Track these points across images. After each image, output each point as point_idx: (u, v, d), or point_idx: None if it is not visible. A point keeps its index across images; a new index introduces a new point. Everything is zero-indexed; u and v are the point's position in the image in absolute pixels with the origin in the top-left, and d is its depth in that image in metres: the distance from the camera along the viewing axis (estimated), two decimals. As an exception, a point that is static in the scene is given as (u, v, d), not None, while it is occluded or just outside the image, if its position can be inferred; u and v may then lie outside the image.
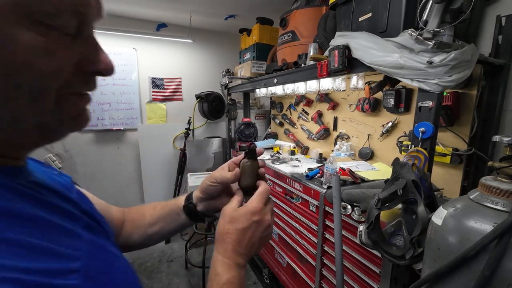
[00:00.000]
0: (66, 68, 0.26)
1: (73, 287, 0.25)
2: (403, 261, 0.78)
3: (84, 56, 0.27)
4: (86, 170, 2.77)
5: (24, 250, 0.23)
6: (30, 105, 0.25)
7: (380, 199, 0.81)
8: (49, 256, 0.25)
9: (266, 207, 0.44)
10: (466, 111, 1.18)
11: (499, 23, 1.06)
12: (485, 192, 0.54)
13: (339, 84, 1.46)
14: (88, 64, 0.28)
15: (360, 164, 1.57)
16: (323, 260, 1.37)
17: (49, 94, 0.25)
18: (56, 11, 0.23)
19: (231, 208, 0.44)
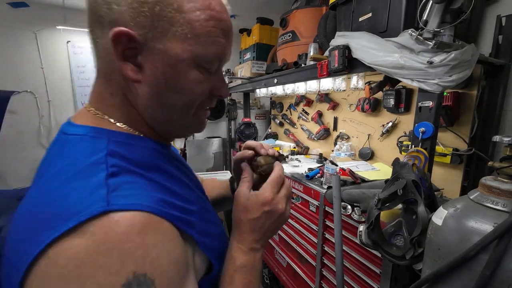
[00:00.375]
0: (205, 92, 0.41)
1: (194, 222, 0.38)
2: (403, 261, 0.78)
3: (215, 85, 0.42)
4: (86, 170, 2.77)
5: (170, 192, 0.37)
6: (182, 112, 0.41)
7: (380, 199, 0.81)
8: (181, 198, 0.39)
9: (278, 195, 0.43)
10: (466, 111, 1.18)
11: (499, 23, 1.06)
12: (485, 192, 0.54)
13: (339, 84, 1.46)
14: (215, 90, 0.43)
15: (360, 164, 1.57)
16: (323, 260, 1.37)
17: (192, 107, 0.41)
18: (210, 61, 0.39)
19: (243, 194, 0.44)
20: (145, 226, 0.30)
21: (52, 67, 2.48)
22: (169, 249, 0.32)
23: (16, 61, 2.34)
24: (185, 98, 0.39)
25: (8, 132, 2.36)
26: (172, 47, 0.35)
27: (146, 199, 0.32)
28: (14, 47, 2.32)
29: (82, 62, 2.58)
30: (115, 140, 0.37)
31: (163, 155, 0.43)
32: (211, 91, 0.42)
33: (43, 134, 2.53)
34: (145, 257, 0.29)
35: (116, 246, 0.27)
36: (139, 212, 0.30)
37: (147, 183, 0.35)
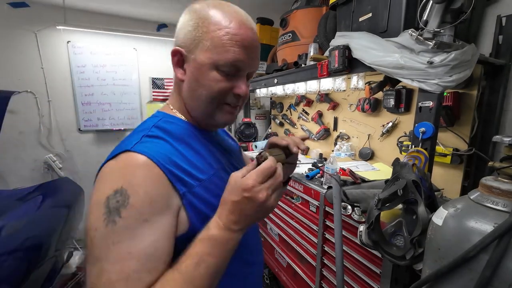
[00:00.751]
0: (225, 90, 0.53)
1: (192, 185, 0.49)
2: (404, 262, 0.78)
3: (234, 85, 0.54)
4: (86, 170, 2.77)
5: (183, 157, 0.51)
6: (206, 103, 0.54)
7: (380, 199, 0.81)
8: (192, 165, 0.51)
9: (262, 185, 0.44)
10: (467, 111, 1.18)
11: (499, 23, 1.06)
12: (485, 193, 0.54)
13: (339, 84, 1.46)
14: (234, 89, 0.54)
15: (360, 164, 1.57)
16: (323, 261, 1.37)
17: (214, 100, 0.54)
18: (225, 65, 0.51)
19: (235, 177, 0.47)
20: (141, 164, 0.45)
21: (52, 67, 2.48)
22: (149, 186, 0.44)
23: (16, 61, 2.34)
24: (205, 92, 0.53)
25: (8, 132, 2.36)
26: (200, 56, 0.52)
27: (154, 152, 0.47)
28: (14, 47, 2.32)
29: (82, 62, 2.58)
30: (164, 120, 0.56)
31: (194, 134, 0.57)
32: (231, 89, 0.54)
33: (43, 134, 2.53)
34: (131, 181, 0.43)
35: (120, 168, 0.45)
36: (142, 156, 0.46)
37: (166, 146, 0.50)
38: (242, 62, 0.52)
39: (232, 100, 0.56)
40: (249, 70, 0.54)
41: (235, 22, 0.50)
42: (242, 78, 0.55)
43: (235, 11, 0.52)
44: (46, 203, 1.61)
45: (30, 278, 1.37)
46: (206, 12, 0.51)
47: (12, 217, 1.39)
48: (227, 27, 0.49)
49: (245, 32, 0.51)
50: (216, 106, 0.55)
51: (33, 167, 2.53)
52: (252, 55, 0.53)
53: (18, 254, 1.31)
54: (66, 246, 1.92)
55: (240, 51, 0.50)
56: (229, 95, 0.55)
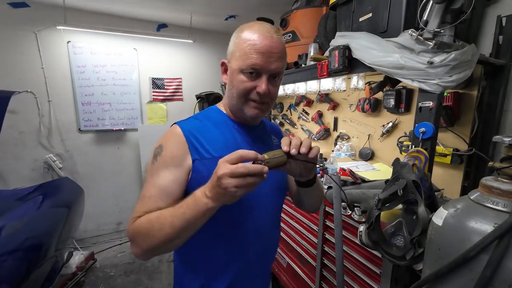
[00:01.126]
0: (248, 88, 0.65)
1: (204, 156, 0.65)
2: (404, 262, 0.78)
3: (256, 84, 0.65)
4: (86, 170, 2.77)
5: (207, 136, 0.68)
6: (237, 100, 0.68)
7: (380, 200, 0.81)
8: (211, 143, 0.67)
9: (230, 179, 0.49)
10: (467, 112, 1.18)
11: (499, 23, 1.06)
12: (485, 193, 0.54)
13: (340, 84, 1.46)
14: (256, 88, 0.65)
15: (360, 164, 1.57)
16: (324, 261, 1.37)
17: (241, 97, 0.67)
18: (247, 68, 0.64)
19: (221, 160, 0.53)
20: (174, 132, 0.67)
21: (53, 67, 2.48)
22: (174, 146, 0.65)
23: (16, 61, 2.34)
24: (235, 91, 0.67)
25: (9, 132, 2.36)
26: (233, 64, 0.67)
27: (185, 126, 0.68)
28: (15, 47, 2.32)
29: (83, 62, 2.58)
30: (212, 110, 0.76)
31: (226, 123, 0.73)
32: (254, 88, 0.65)
33: (43, 134, 2.53)
34: (166, 141, 0.67)
35: (167, 133, 0.69)
36: (178, 128, 0.67)
37: (198, 125, 0.69)
38: (260, 65, 0.63)
39: (255, 97, 0.66)
40: (268, 71, 0.64)
41: (256, 35, 0.63)
42: (263, 79, 0.65)
43: (260, 28, 0.65)
44: (46, 203, 1.61)
45: (30, 278, 1.37)
46: (241, 32, 0.66)
47: (12, 217, 1.39)
48: (250, 40, 0.63)
49: (262, 42, 0.63)
50: (243, 102, 0.67)
51: (33, 167, 2.53)
52: (269, 59, 0.63)
53: (18, 254, 1.31)
54: (66, 246, 1.92)
55: (257, 57, 0.62)
56: (252, 93, 0.66)
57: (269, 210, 0.76)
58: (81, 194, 2.07)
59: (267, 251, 0.79)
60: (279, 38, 0.65)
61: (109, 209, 2.93)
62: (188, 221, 0.55)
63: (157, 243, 0.57)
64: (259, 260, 0.77)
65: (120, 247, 2.78)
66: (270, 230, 0.78)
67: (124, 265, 2.47)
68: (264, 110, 0.69)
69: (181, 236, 0.56)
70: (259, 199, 0.71)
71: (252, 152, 0.52)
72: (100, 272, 2.35)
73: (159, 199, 0.63)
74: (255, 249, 0.74)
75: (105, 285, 2.19)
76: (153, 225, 0.58)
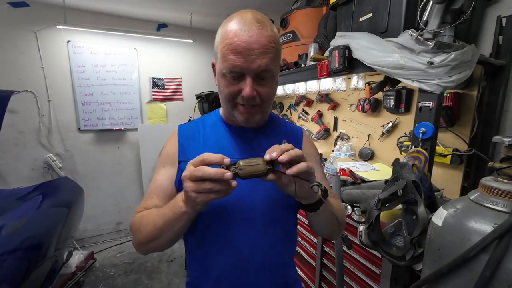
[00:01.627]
0: (233, 92, 0.59)
1: (188, 158, 0.60)
2: (403, 262, 0.78)
3: (241, 87, 0.58)
4: (86, 170, 2.77)
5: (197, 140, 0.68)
6: (225, 104, 0.64)
7: (380, 200, 0.81)
8: (198, 146, 0.67)
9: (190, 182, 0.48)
10: (467, 112, 1.18)
11: (499, 23, 1.06)
12: (485, 193, 0.54)
13: (340, 84, 1.46)
14: (240, 92, 0.59)
15: (360, 164, 1.57)
16: (323, 261, 1.37)
17: (229, 101, 0.62)
18: (227, 72, 0.57)
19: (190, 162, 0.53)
20: (172, 134, 0.71)
21: (52, 66, 2.48)
22: (169, 147, 0.69)
23: (16, 60, 2.34)
24: (222, 96, 0.63)
25: (8, 132, 2.36)
26: (217, 66, 0.62)
27: (181, 128, 0.71)
28: (14, 46, 2.32)
29: (82, 61, 2.58)
30: (212, 113, 0.75)
31: (218, 126, 0.70)
32: (239, 92, 0.59)
33: (43, 134, 2.53)
34: (166, 142, 0.72)
35: (170, 135, 0.73)
36: (177, 130, 0.71)
37: (193, 127, 0.71)
38: (239, 66, 0.55)
39: (243, 101, 0.60)
40: (250, 71, 0.56)
41: (233, 32, 0.55)
42: (246, 81, 0.57)
43: (238, 21, 0.56)
44: (46, 203, 1.61)
45: (30, 277, 1.37)
46: (221, 28, 0.60)
47: (12, 216, 1.39)
48: (226, 39, 0.56)
49: (239, 39, 0.54)
50: (232, 106, 0.63)
51: (33, 167, 2.53)
52: (249, 57, 0.55)
53: (18, 254, 1.31)
54: (66, 246, 1.92)
55: (235, 58, 0.55)
56: (239, 96, 0.60)
57: (266, 225, 0.64)
58: (81, 194, 2.07)
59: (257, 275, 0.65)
60: (260, 29, 0.55)
61: (109, 208, 2.93)
62: (166, 223, 0.54)
63: (143, 239, 0.59)
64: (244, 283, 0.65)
65: (119, 246, 2.78)
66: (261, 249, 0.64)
67: (124, 264, 2.47)
68: (255, 113, 0.62)
69: (161, 236, 0.56)
70: (248, 213, 0.63)
71: (216, 156, 0.47)
72: (100, 271, 2.35)
73: (155, 195, 0.65)
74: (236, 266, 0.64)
75: (105, 284, 2.19)
76: (142, 222, 0.60)
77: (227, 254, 0.64)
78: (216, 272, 0.65)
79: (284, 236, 0.69)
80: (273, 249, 0.66)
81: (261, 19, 0.57)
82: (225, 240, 0.64)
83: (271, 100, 0.65)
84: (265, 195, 0.64)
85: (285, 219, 0.69)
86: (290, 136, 0.74)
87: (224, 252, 0.64)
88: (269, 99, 0.63)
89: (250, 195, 0.63)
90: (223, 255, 0.64)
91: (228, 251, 0.64)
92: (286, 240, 0.71)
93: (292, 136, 0.75)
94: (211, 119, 0.72)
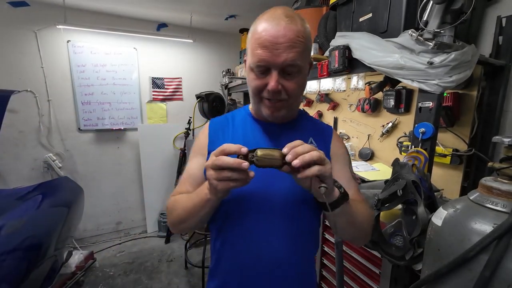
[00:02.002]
0: (260, 86, 0.62)
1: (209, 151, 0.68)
2: (403, 262, 0.78)
3: (267, 81, 0.60)
4: (86, 169, 2.77)
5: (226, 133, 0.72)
6: (252, 98, 0.67)
7: (380, 200, 0.81)
8: (227, 138, 0.71)
9: (212, 170, 0.51)
10: (467, 112, 1.18)
11: (499, 24, 1.06)
12: (485, 193, 0.54)
13: (340, 84, 1.46)
14: (266, 86, 0.60)
15: (360, 164, 1.57)
16: (323, 261, 1.37)
17: (255, 95, 0.64)
18: (254, 66, 0.60)
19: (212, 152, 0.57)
20: (205, 126, 0.75)
21: (52, 66, 2.48)
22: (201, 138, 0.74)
23: (16, 60, 2.34)
24: (250, 89, 0.66)
25: (8, 132, 2.36)
26: (247, 61, 0.65)
27: (212, 121, 0.76)
28: (14, 46, 2.32)
29: (82, 61, 2.57)
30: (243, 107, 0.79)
31: (246, 121, 0.74)
32: (265, 86, 0.61)
33: (43, 133, 2.52)
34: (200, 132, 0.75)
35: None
36: (208, 122, 0.75)
37: (223, 121, 0.75)
38: (265, 60, 0.57)
39: (268, 95, 0.61)
40: (276, 65, 0.57)
41: (262, 27, 0.58)
42: (272, 75, 0.59)
43: (268, 16, 0.59)
44: (45, 203, 1.61)
45: (30, 277, 1.37)
46: (252, 25, 0.63)
47: (12, 216, 1.39)
48: (255, 34, 0.59)
49: (266, 34, 0.56)
50: (258, 100, 0.65)
51: (32, 167, 2.53)
52: (275, 51, 0.56)
53: (17, 254, 1.31)
54: (65, 246, 1.92)
55: (262, 52, 0.57)
56: (265, 90, 0.61)
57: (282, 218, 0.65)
58: (80, 194, 2.07)
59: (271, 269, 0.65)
60: (289, 24, 0.56)
61: (109, 208, 2.93)
62: (193, 208, 0.59)
63: (174, 221, 0.65)
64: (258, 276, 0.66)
65: (119, 246, 2.78)
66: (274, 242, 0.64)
67: (124, 264, 2.47)
68: (280, 108, 0.63)
69: (189, 219, 0.61)
70: (265, 205, 0.64)
71: (235, 146, 0.50)
72: (100, 271, 2.35)
73: (187, 182, 0.70)
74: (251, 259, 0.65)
75: (105, 284, 2.19)
76: (174, 205, 0.66)
77: (241, 244, 0.65)
78: (229, 261, 0.68)
79: (300, 232, 0.67)
80: (286, 243, 0.65)
81: (291, 14, 0.58)
82: (241, 230, 0.65)
83: (298, 96, 0.65)
84: (284, 190, 0.64)
85: (303, 215, 0.67)
86: (320, 134, 0.73)
87: (239, 241, 0.65)
88: (296, 94, 0.63)
89: (269, 188, 0.65)
90: (237, 245, 0.66)
91: (242, 240, 0.65)
92: (303, 237, 0.68)
93: (322, 134, 0.73)
94: (240, 114, 0.76)
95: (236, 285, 0.67)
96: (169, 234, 2.87)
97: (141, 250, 2.72)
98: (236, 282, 0.67)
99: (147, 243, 2.86)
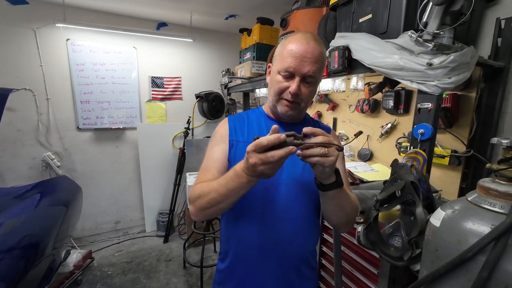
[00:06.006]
0: (282, 88, 0.75)
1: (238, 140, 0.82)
2: (401, 262, 0.78)
3: (289, 85, 0.74)
4: (85, 168, 2.76)
5: (244, 128, 0.85)
6: (273, 98, 0.79)
7: (378, 200, 0.81)
8: (244, 133, 0.83)
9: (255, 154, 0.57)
10: (465, 113, 1.18)
11: (498, 25, 1.06)
12: (483, 194, 0.54)
13: (339, 85, 1.46)
14: (288, 88, 0.74)
15: (359, 165, 1.58)
16: (322, 261, 1.37)
17: (276, 95, 0.77)
18: (282, 70, 0.74)
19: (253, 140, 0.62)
20: (224, 121, 0.86)
21: (51, 65, 2.47)
22: (222, 130, 0.84)
23: (15, 58, 2.33)
24: (273, 89, 0.78)
25: (7, 130, 2.35)
26: (274, 66, 0.78)
27: (231, 117, 0.87)
28: (13, 44, 2.31)
29: (82, 60, 2.57)
30: (258, 108, 0.91)
31: (260, 119, 0.87)
32: (287, 88, 0.74)
33: (42, 132, 2.51)
34: (219, 127, 0.87)
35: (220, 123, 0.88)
36: (227, 118, 0.87)
37: (240, 118, 0.87)
38: (292, 68, 0.72)
39: (287, 96, 0.75)
40: (300, 73, 0.72)
41: (293, 42, 0.73)
42: (295, 80, 0.73)
43: (300, 36, 0.74)
44: (44, 201, 1.60)
45: (27, 276, 1.36)
46: (286, 40, 0.77)
47: (10, 215, 1.38)
48: (289, 46, 0.73)
49: (297, 47, 0.72)
50: (277, 99, 0.77)
51: (31, 165, 2.52)
52: (302, 63, 0.71)
53: (15, 252, 1.30)
54: (63, 245, 1.92)
55: (291, 61, 0.72)
56: (285, 92, 0.75)
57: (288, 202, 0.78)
58: (79, 193, 2.06)
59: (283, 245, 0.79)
60: (316, 45, 0.72)
61: (107, 207, 2.92)
62: (231, 191, 0.65)
63: (204, 205, 0.70)
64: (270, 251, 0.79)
65: (117, 245, 2.78)
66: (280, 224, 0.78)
67: (122, 264, 2.46)
68: (294, 108, 0.77)
69: (224, 201, 0.67)
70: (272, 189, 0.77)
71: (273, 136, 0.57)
72: (98, 270, 2.35)
73: (212, 167, 0.78)
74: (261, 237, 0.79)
75: (103, 284, 2.19)
76: (203, 190, 0.71)
77: (252, 227, 0.78)
78: (238, 242, 0.81)
79: (304, 217, 0.82)
80: (292, 226, 0.80)
81: (317, 39, 0.75)
82: (250, 213, 0.78)
83: (308, 101, 0.80)
84: (290, 175, 0.78)
85: (307, 201, 0.81)
86: None
87: (248, 225, 0.79)
88: (307, 100, 0.78)
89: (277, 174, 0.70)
90: (246, 228, 0.79)
91: (251, 224, 0.78)
92: (306, 221, 0.83)
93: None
94: (254, 113, 0.89)
95: (244, 264, 0.82)
96: (167, 233, 2.87)
97: (140, 250, 2.72)
98: (245, 259, 0.81)
99: (146, 242, 2.86)
